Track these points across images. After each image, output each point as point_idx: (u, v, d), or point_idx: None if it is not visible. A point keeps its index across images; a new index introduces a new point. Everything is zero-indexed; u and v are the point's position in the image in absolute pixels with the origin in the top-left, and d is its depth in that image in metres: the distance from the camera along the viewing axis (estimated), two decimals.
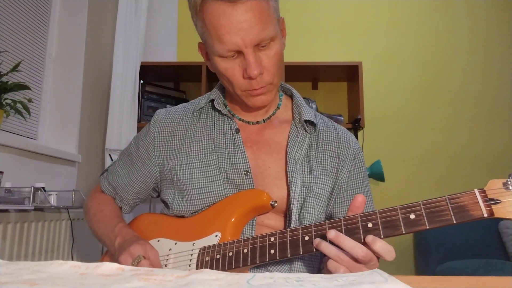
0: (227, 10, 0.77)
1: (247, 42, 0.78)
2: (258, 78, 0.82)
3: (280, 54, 0.84)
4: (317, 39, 2.81)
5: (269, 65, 0.82)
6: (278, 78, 0.87)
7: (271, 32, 0.80)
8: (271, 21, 0.80)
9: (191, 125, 0.97)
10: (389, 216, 0.65)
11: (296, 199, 0.85)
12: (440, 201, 0.63)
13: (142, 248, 0.79)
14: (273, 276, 0.44)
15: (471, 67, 2.77)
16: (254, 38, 0.78)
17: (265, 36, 0.79)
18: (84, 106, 2.13)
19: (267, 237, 0.74)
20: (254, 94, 0.85)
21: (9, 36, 1.78)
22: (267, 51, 0.81)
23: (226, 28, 0.77)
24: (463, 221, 0.61)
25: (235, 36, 0.77)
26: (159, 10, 2.79)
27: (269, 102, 0.90)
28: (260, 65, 0.81)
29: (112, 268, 0.46)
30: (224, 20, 0.77)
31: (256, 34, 0.78)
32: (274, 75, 0.84)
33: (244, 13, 0.76)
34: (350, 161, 0.94)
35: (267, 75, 0.83)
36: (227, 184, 0.88)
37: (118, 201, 1.04)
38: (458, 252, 2.32)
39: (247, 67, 0.80)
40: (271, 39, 0.81)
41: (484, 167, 2.67)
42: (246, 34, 0.77)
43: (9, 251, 1.46)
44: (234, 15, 0.76)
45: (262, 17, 0.78)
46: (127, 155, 1.04)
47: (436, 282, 0.49)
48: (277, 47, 0.83)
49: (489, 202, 0.60)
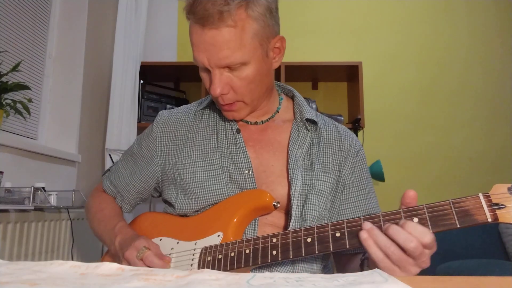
0: (198, 30, 0.80)
1: (212, 64, 0.81)
2: (223, 96, 0.85)
3: (251, 77, 0.83)
4: (317, 39, 2.81)
5: (237, 86, 0.84)
6: (251, 97, 0.87)
7: (241, 58, 0.80)
8: (243, 47, 0.80)
9: (193, 126, 0.98)
10: (393, 219, 0.65)
11: (297, 195, 0.85)
12: (444, 204, 0.62)
13: (145, 241, 0.81)
14: (273, 276, 0.44)
15: (471, 67, 2.77)
16: (219, 63, 0.81)
17: (230, 62, 0.80)
18: (84, 106, 2.13)
19: (269, 238, 0.74)
20: (223, 108, 0.89)
21: (9, 36, 1.78)
22: (237, 72, 0.83)
23: (196, 45, 0.82)
24: (467, 225, 0.60)
25: (202, 55, 0.81)
26: (159, 10, 2.79)
27: (242, 118, 0.92)
28: (225, 85, 0.83)
29: (112, 268, 0.46)
30: (194, 38, 0.82)
31: (221, 60, 0.80)
32: (244, 95, 0.86)
33: (212, 37, 0.79)
34: (352, 158, 0.95)
35: (234, 95, 0.85)
36: (229, 183, 0.89)
37: (119, 200, 1.05)
38: (458, 252, 2.32)
39: (211, 85, 0.84)
40: (242, 64, 0.81)
41: (484, 167, 2.67)
42: (211, 56, 0.80)
43: (9, 251, 1.46)
44: (203, 36, 0.80)
45: (230, 44, 0.79)
46: (130, 155, 1.06)
47: (436, 282, 0.49)
48: (248, 71, 0.83)
49: (494, 206, 0.59)
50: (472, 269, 2.03)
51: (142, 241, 0.81)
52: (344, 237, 0.67)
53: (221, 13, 0.76)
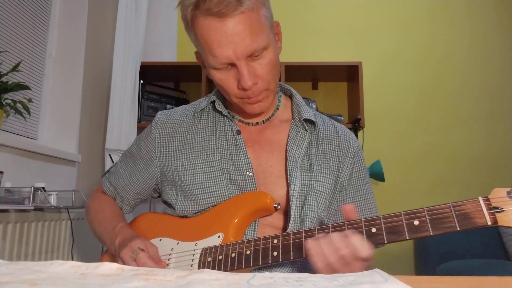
0: (216, 25, 0.77)
1: (239, 54, 0.78)
2: (253, 88, 0.83)
3: (274, 61, 0.84)
4: (317, 39, 2.81)
5: (264, 73, 0.83)
6: (275, 83, 0.88)
7: (263, 42, 0.80)
8: (262, 30, 0.80)
9: (192, 126, 0.98)
10: (393, 222, 0.65)
11: (296, 196, 0.85)
12: (444, 208, 0.63)
13: (142, 243, 0.81)
14: (273, 276, 0.44)
15: (471, 67, 2.77)
16: (246, 50, 0.78)
17: (256, 47, 0.79)
18: (84, 106, 2.13)
19: (270, 239, 0.74)
20: (250, 102, 0.87)
21: (9, 36, 1.78)
22: (260, 60, 0.82)
23: (217, 42, 0.78)
24: (466, 228, 0.61)
25: (227, 50, 0.78)
26: (159, 10, 2.79)
27: (267, 108, 0.91)
28: (253, 76, 0.81)
29: (112, 268, 0.46)
30: (214, 34, 0.78)
31: (248, 46, 0.78)
32: (270, 82, 0.85)
33: (234, 27, 0.77)
34: (350, 158, 0.94)
35: (262, 84, 0.84)
36: (230, 184, 0.89)
37: (119, 202, 1.05)
38: (458, 252, 2.32)
39: (240, 79, 0.81)
40: (264, 48, 0.81)
41: (484, 167, 2.67)
42: (237, 47, 0.78)
43: (9, 251, 1.46)
44: (224, 29, 0.77)
45: (252, 28, 0.78)
46: (129, 156, 1.05)
47: (436, 282, 0.49)
48: (270, 55, 0.82)
49: (493, 210, 0.60)
50: (472, 269, 2.03)
51: (138, 242, 0.80)
52: None
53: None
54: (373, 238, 0.66)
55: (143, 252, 0.78)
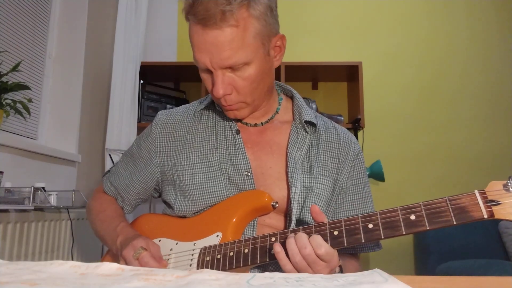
0: (199, 31, 0.79)
1: (215, 65, 0.80)
2: (226, 97, 0.84)
3: (254, 77, 0.83)
4: (317, 39, 2.81)
5: (240, 87, 0.83)
6: (255, 97, 0.87)
7: (243, 58, 0.79)
8: (245, 46, 0.79)
9: (193, 126, 0.97)
10: (390, 217, 0.65)
11: (297, 198, 0.85)
12: (441, 202, 0.63)
13: (144, 242, 0.81)
14: (273, 276, 0.44)
15: (471, 67, 2.77)
16: (221, 63, 0.79)
17: (234, 62, 0.79)
18: (84, 106, 2.13)
19: (268, 237, 0.74)
20: (225, 108, 0.88)
21: (9, 36, 1.78)
22: (239, 72, 0.82)
23: (197, 46, 0.80)
24: (463, 222, 0.61)
25: (204, 56, 0.80)
26: (159, 10, 2.79)
27: (246, 117, 0.91)
28: (228, 86, 0.82)
29: (112, 268, 0.46)
30: (196, 39, 0.80)
31: (224, 60, 0.79)
32: (246, 96, 0.85)
33: (214, 38, 0.77)
34: (350, 161, 0.94)
35: (236, 95, 0.84)
36: (228, 184, 0.89)
37: (120, 202, 1.05)
38: (458, 252, 2.32)
39: (213, 87, 0.82)
40: (245, 63, 0.80)
41: (484, 167, 2.67)
42: (214, 57, 0.79)
43: (9, 251, 1.46)
44: (205, 37, 0.78)
45: (233, 44, 0.77)
46: (130, 156, 1.05)
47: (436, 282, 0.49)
48: (250, 71, 0.82)
49: (490, 203, 0.60)
50: (472, 269, 2.03)
51: (141, 241, 0.81)
52: (342, 235, 0.68)
53: (224, 12, 0.75)
54: (370, 234, 0.66)
55: (146, 251, 0.78)
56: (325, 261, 0.66)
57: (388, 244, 0.92)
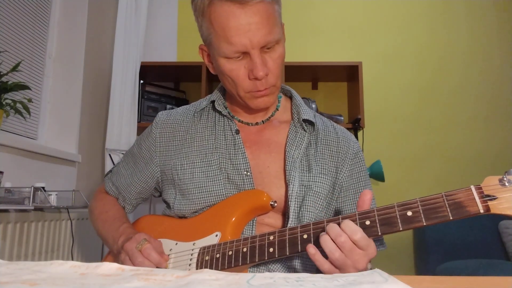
0: (236, 12, 0.77)
1: (255, 43, 0.79)
2: (263, 80, 0.83)
3: (283, 57, 0.86)
4: (317, 39, 2.81)
5: (274, 67, 0.84)
6: (281, 81, 0.89)
7: (277, 35, 0.81)
8: (276, 24, 0.82)
9: (192, 126, 0.98)
10: (387, 214, 0.66)
11: (294, 196, 0.85)
12: (437, 197, 0.63)
13: (146, 235, 0.83)
14: (273, 276, 0.44)
15: (471, 67, 2.77)
16: (261, 40, 0.79)
17: (271, 38, 0.80)
18: (84, 106, 2.13)
19: (266, 236, 0.74)
20: (257, 96, 0.86)
21: (9, 36, 1.78)
22: (272, 53, 0.83)
23: (234, 29, 0.78)
24: (459, 217, 0.61)
25: (243, 37, 0.78)
26: (159, 10, 2.79)
27: (271, 104, 0.92)
28: (265, 67, 0.82)
29: (112, 268, 0.46)
30: (233, 21, 0.78)
31: (264, 36, 0.79)
32: (278, 77, 0.86)
33: (253, 15, 0.77)
34: (350, 160, 0.94)
35: (272, 77, 0.84)
36: (227, 184, 0.89)
37: (121, 201, 1.06)
38: (458, 252, 2.32)
39: (253, 68, 0.81)
40: (276, 42, 0.82)
41: (484, 167, 2.66)
42: (254, 35, 0.78)
43: (9, 251, 1.46)
44: (242, 17, 0.77)
45: (269, 20, 0.79)
46: (130, 156, 1.06)
47: (436, 282, 0.49)
48: (281, 50, 0.84)
49: (485, 198, 0.60)
50: (472, 269, 2.03)
51: (143, 235, 0.82)
52: None
53: None
54: (367, 231, 0.66)
55: (148, 243, 0.79)
56: (362, 249, 0.65)
57: (388, 244, 0.92)
